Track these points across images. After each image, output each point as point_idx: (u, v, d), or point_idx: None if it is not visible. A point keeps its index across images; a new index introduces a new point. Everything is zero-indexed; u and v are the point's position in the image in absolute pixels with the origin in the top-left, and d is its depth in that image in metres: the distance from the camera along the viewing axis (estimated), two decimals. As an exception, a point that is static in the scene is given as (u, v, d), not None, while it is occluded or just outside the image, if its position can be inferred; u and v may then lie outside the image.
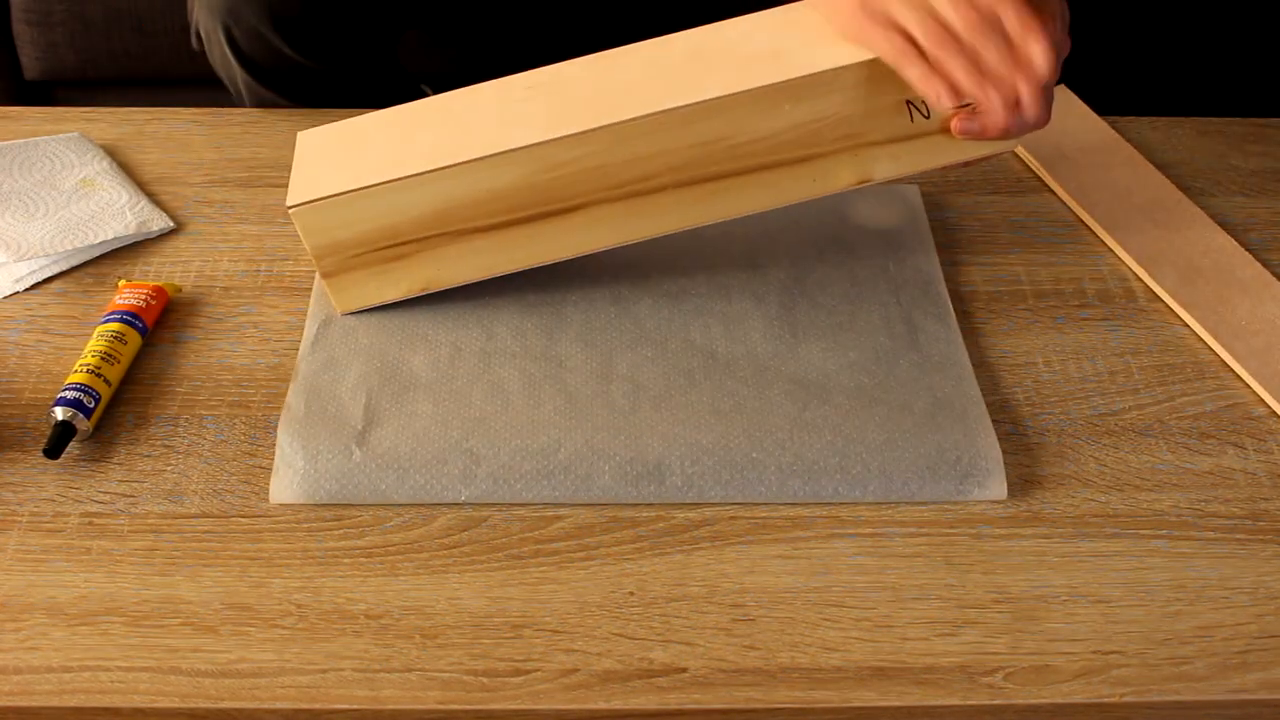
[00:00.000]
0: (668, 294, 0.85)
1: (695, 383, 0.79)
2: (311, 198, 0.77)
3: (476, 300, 0.84)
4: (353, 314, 0.83)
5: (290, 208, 0.77)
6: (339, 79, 1.11)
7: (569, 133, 0.75)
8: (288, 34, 1.04)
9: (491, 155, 0.76)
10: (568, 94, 0.78)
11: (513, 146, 0.75)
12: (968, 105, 0.75)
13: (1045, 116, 0.76)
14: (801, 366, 0.80)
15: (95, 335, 0.80)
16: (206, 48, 1.09)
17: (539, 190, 0.77)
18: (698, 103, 0.75)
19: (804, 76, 0.74)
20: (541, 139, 0.75)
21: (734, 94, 0.74)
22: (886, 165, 0.79)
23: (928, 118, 0.77)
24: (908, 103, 0.76)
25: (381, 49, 1.17)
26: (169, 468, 0.75)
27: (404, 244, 0.79)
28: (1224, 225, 0.95)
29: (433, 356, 0.80)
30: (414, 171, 0.76)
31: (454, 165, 0.76)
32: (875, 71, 0.75)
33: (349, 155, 0.79)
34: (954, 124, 0.77)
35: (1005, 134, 0.76)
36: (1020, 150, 1.02)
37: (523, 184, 0.77)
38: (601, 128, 0.75)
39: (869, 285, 0.87)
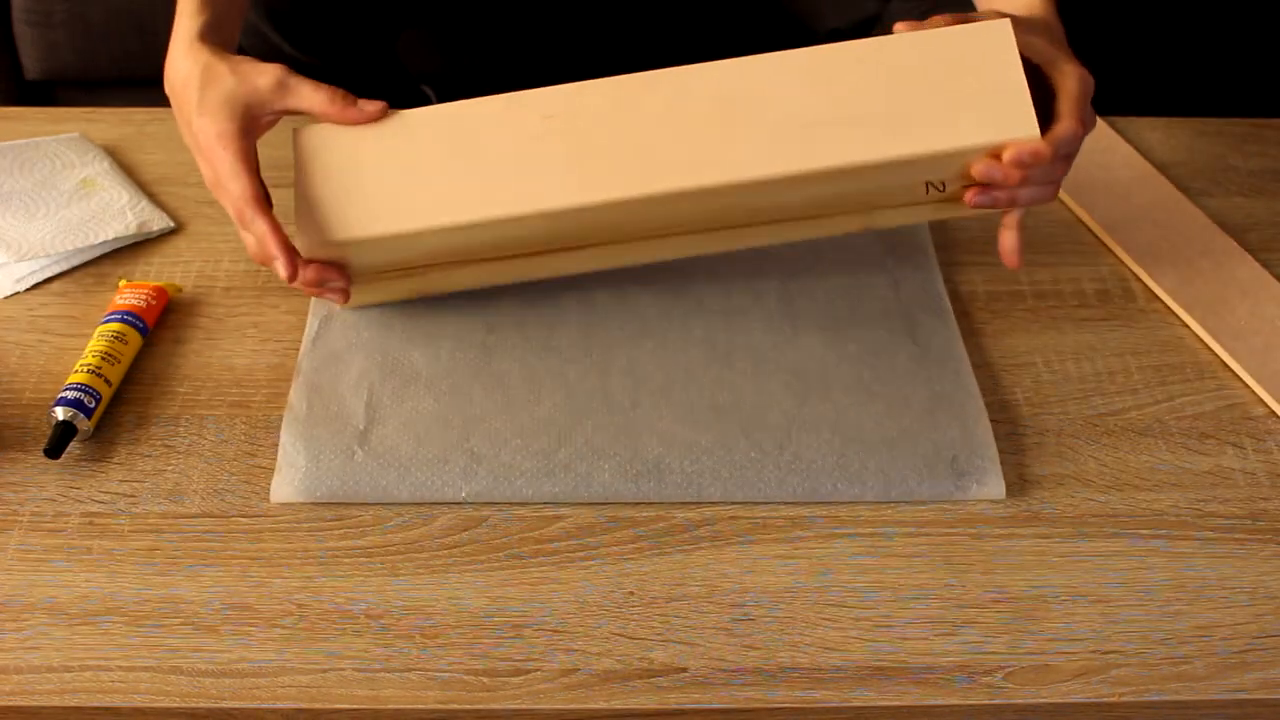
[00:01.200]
0: (668, 286, 0.86)
1: (694, 376, 0.79)
2: (322, 239, 0.74)
3: (477, 292, 0.84)
4: (353, 309, 0.83)
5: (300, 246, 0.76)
6: (337, 75, 1.10)
7: (594, 200, 0.73)
8: (283, 28, 1.05)
9: (513, 216, 0.73)
10: (588, 139, 0.74)
11: (536, 210, 0.73)
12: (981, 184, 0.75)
13: (1055, 195, 0.78)
14: (801, 357, 0.80)
15: (96, 335, 0.80)
16: None
17: (554, 235, 0.77)
18: (726, 184, 0.72)
19: (836, 168, 0.72)
20: (566, 205, 0.73)
21: (764, 179, 0.72)
22: (890, 215, 0.80)
23: (943, 191, 0.77)
24: (927, 183, 0.76)
25: (379, 45, 1.17)
26: (170, 467, 0.75)
27: (410, 269, 0.80)
28: (1223, 225, 0.95)
29: (433, 351, 0.81)
30: (429, 226, 0.73)
31: (473, 223, 0.73)
32: (906, 162, 0.73)
33: (358, 185, 0.75)
34: (968, 197, 0.76)
35: (1013, 205, 0.77)
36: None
37: (539, 233, 0.77)
38: (628, 199, 0.73)
39: (868, 280, 0.87)
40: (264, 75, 0.75)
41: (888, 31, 0.76)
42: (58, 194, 0.93)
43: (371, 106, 0.75)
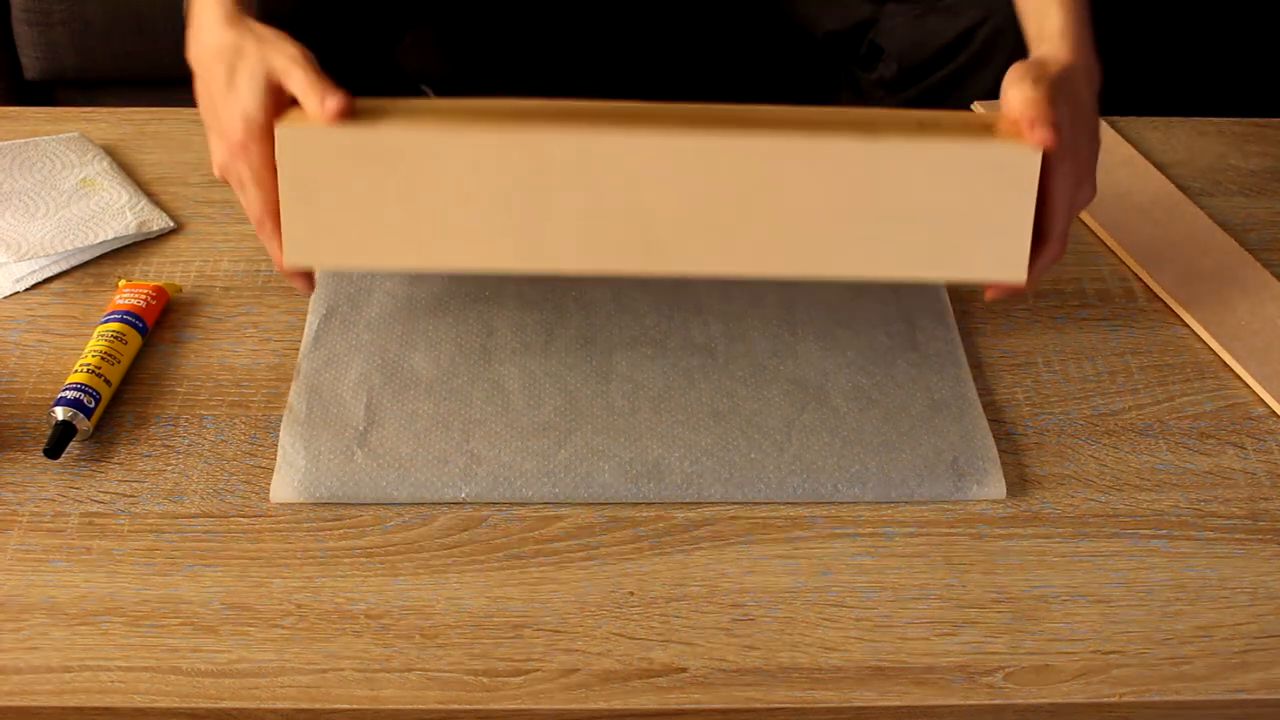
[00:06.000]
0: (668, 291, 0.86)
1: (694, 382, 0.79)
2: (298, 258, 0.71)
3: (477, 296, 0.84)
4: (353, 306, 0.82)
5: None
6: (337, 79, 1.10)
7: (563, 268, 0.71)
8: None
9: (483, 269, 0.72)
10: (605, 218, 0.70)
11: (503, 268, 0.71)
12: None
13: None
14: (800, 365, 0.80)
15: (95, 335, 0.80)
16: None
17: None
18: (698, 274, 0.71)
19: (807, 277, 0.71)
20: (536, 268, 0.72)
21: (741, 277, 0.72)
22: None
23: None
24: None
25: (379, 50, 1.17)
26: (169, 468, 0.75)
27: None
28: (1223, 225, 0.95)
29: (433, 354, 0.81)
30: (402, 265, 0.75)
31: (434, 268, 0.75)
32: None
33: (356, 228, 0.70)
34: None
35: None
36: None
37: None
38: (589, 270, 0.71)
39: (867, 283, 0.87)
40: (281, 54, 0.72)
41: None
42: (57, 194, 0.93)
43: (332, 102, 0.71)
